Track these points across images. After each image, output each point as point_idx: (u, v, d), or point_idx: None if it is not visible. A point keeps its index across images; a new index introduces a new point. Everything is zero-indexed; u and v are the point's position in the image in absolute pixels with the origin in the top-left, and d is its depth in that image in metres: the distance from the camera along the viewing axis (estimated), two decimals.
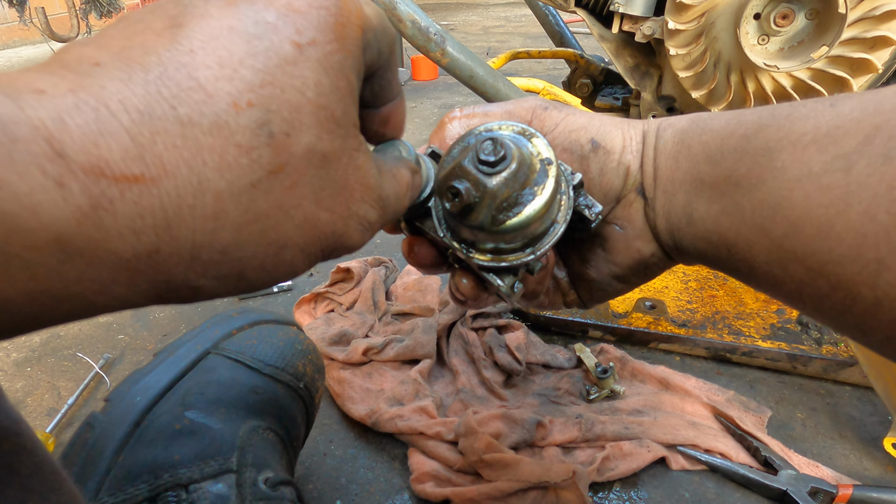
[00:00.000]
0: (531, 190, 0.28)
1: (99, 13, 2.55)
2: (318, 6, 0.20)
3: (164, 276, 0.18)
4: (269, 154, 0.19)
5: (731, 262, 0.29)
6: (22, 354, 0.89)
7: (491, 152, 0.27)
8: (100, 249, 0.16)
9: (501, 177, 0.27)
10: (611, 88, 1.10)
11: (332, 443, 0.71)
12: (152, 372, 0.50)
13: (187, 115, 0.17)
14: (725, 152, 0.29)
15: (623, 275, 0.35)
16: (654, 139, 0.33)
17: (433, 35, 0.73)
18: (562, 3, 0.89)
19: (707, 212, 0.29)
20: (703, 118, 0.31)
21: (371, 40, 0.23)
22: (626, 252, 0.34)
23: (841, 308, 0.25)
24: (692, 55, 0.74)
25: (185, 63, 0.18)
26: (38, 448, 0.25)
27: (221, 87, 0.18)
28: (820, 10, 0.66)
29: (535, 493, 0.59)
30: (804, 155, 0.25)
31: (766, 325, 0.82)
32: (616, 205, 0.33)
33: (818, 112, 0.26)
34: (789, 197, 0.25)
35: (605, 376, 0.73)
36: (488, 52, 2.97)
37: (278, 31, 0.19)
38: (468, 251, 0.31)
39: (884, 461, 0.66)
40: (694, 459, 0.65)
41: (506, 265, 0.30)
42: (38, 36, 4.10)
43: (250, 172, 0.19)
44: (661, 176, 0.32)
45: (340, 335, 0.84)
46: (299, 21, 0.20)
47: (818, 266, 0.25)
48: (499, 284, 0.31)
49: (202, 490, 0.43)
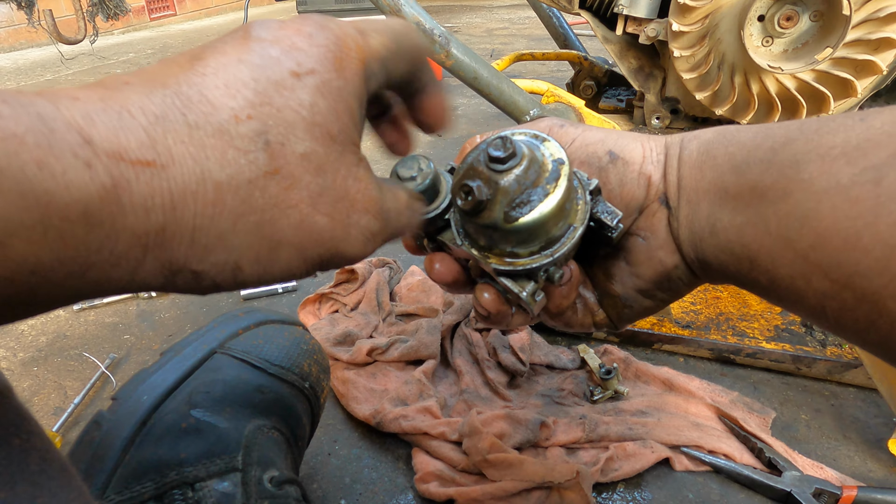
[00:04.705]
0: (543, 188, 0.28)
1: (106, 15, 2.57)
2: (318, 44, 0.24)
3: (168, 255, 0.21)
4: (265, 157, 0.22)
5: (752, 274, 0.29)
6: (28, 354, 0.90)
7: (500, 149, 0.28)
8: (117, 223, 0.19)
9: (512, 174, 0.28)
10: (615, 90, 1.11)
11: (336, 443, 0.71)
12: (159, 371, 0.51)
13: (195, 120, 0.21)
14: (751, 163, 0.29)
15: (647, 289, 0.34)
16: (678, 150, 0.33)
17: (438, 37, 0.73)
18: (566, 5, 0.89)
19: (731, 222, 0.29)
20: (730, 130, 0.31)
21: (377, 69, 0.26)
22: (648, 263, 0.33)
23: (865, 322, 0.25)
24: (696, 57, 0.74)
25: (197, 83, 0.21)
26: (48, 445, 0.25)
27: (225, 102, 0.21)
28: (824, 12, 0.66)
29: (538, 493, 0.59)
30: (832, 167, 0.25)
31: (770, 327, 0.82)
32: (638, 216, 0.33)
33: (848, 126, 0.26)
34: (816, 209, 0.25)
35: (609, 377, 0.73)
36: (492, 54, 2.98)
37: (280, 63, 0.23)
38: (485, 256, 0.31)
39: (888, 463, 0.65)
40: (698, 460, 0.65)
41: (522, 268, 0.30)
42: (45, 38, 4.13)
43: (247, 171, 0.21)
44: (685, 186, 0.32)
45: (345, 335, 0.85)
46: (300, 56, 0.23)
47: (844, 278, 0.25)
48: (517, 291, 0.31)
49: (208, 488, 0.44)
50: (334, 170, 0.24)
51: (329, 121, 0.23)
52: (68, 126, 0.18)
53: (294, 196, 0.23)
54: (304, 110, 0.23)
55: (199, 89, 0.21)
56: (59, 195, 0.17)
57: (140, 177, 0.19)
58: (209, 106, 0.21)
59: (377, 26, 0.27)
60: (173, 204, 0.20)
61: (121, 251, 0.19)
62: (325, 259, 0.25)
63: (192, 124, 0.20)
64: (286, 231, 0.23)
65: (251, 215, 0.22)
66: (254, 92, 0.22)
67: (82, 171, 0.18)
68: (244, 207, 0.22)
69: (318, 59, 0.23)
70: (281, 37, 0.23)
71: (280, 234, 0.23)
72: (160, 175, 0.19)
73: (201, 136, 0.21)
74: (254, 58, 0.22)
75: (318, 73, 0.23)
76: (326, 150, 0.23)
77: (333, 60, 0.24)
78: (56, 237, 0.17)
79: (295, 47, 0.23)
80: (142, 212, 0.19)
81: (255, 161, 0.21)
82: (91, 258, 0.19)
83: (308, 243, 0.24)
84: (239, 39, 0.23)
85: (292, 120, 0.22)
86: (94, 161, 0.18)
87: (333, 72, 0.24)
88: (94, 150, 0.18)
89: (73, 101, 0.19)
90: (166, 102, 0.20)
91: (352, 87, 0.24)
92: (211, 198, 0.21)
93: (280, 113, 0.22)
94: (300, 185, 0.23)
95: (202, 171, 0.20)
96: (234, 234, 0.22)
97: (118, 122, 0.19)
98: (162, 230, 0.20)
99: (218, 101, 0.21)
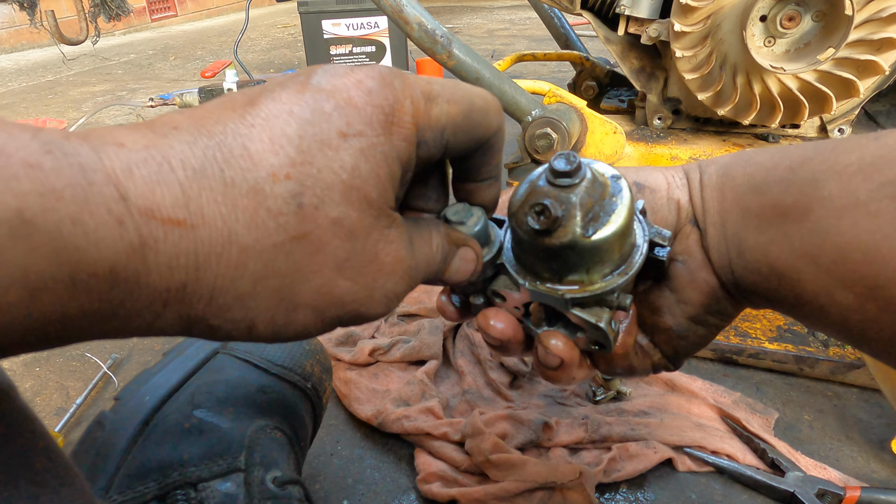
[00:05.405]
0: (610, 200, 0.28)
1: (107, 16, 2.57)
2: (374, 104, 0.23)
3: (187, 311, 0.21)
4: (296, 221, 0.21)
5: (780, 292, 0.30)
6: (30, 355, 0.90)
7: (566, 163, 0.27)
8: (140, 281, 0.19)
9: (581, 186, 0.27)
10: (616, 91, 1.10)
11: (338, 443, 0.71)
12: (161, 371, 0.51)
13: (231, 177, 0.20)
14: (771, 183, 0.29)
15: (697, 314, 0.33)
16: (698, 174, 0.33)
17: (440, 37, 0.73)
18: (567, 6, 0.89)
19: (756, 242, 0.30)
20: (748, 153, 0.32)
21: (430, 139, 0.25)
22: (693, 286, 0.33)
23: (889, 333, 0.26)
24: (698, 57, 0.74)
25: (243, 134, 0.21)
26: (51, 444, 0.25)
27: (266, 158, 0.21)
28: (826, 12, 0.66)
29: (541, 494, 0.59)
30: (850, 184, 0.26)
31: (773, 327, 0.82)
32: (673, 240, 0.33)
33: (862, 145, 0.27)
34: (837, 225, 0.26)
35: (611, 378, 0.73)
36: (493, 55, 2.98)
37: (330, 121, 0.22)
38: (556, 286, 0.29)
39: (891, 463, 0.65)
40: (700, 461, 0.65)
41: (600, 291, 0.29)
42: (47, 39, 4.14)
43: (275, 234, 0.21)
44: (709, 209, 0.32)
45: (347, 336, 0.85)
46: (352, 114, 0.22)
47: (867, 291, 0.26)
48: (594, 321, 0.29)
49: (211, 489, 0.44)
50: (366, 235, 0.23)
51: (369, 185, 0.23)
52: (107, 179, 0.18)
53: (318, 261, 0.22)
54: (345, 173, 0.22)
55: (244, 141, 0.21)
56: (89, 253, 0.17)
57: (168, 236, 0.19)
58: (249, 161, 0.21)
59: (454, 95, 0.25)
60: (197, 265, 0.20)
61: (142, 305, 0.19)
62: (343, 320, 0.25)
63: (228, 182, 0.20)
64: (305, 295, 0.23)
65: (272, 279, 0.22)
66: (297, 150, 0.21)
67: (114, 229, 0.18)
68: (266, 271, 0.21)
69: (368, 121, 0.22)
70: (339, 89, 0.22)
71: (299, 298, 0.23)
72: (188, 235, 0.19)
73: (235, 196, 0.20)
74: (305, 112, 0.22)
75: (365, 135, 0.22)
76: (361, 216, 0.23)
77: (384, 123, 0.23)
78: (83, 291, 0.17)
79: (350, 104, 0.22)
80: (165, 270, 0.19)
81: (284, 224, 0.21)
82: (114, 310, 0.19)
83: (327, 306, 0.23)
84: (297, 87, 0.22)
85: (331, 182, 0.22)
86: (126, 219, 0.18)
87: (382, 136, 0.23)
88: (127, 206, 0.18)
89: (118, 150, 0.19)
90: (207, 155, 0.20)
91: (397, 152, 0.23)
92: (234, 261, 0.21)
93: (319, 174, 0.21)
94: (327, 250, 0.22)
95: (230, 233, 0.20)
96: (252, 296, 0.22)
97: (157, 176, 0.19)
98: (183, 287, 0.20)
99: (259, 157, 0.21)
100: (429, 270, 0.27)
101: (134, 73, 3.19)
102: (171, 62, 3.49)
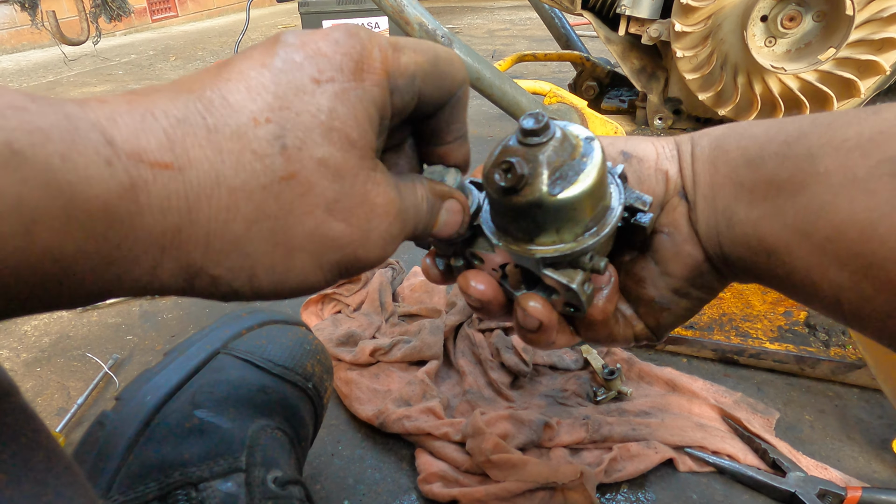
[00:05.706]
0: (580, 161, 0.28)
1: (108, 17, 2.57)
2: (342, 52, 0.24)
3: (185, 257, 0.21)
4: (281, 162, 0.22)
5: (769, 268, 0.29)
6: (32, 355, 0.90)
7: (534, 122, 0.27)
8: (135, 221, 0.19)
9: (549, 146, 0.27)
10: (617, 91, 1.10)
11: (339, 443, 0.71)
12: (162, 371, 0.51)
13: (213, 123, 0.21)
14: (766, 157, 0.29)
15: (681, 287, 0.33)
16: (690, 146, 0.33)
17: (440, 37, 0.73)
18: (568, 6, 0.89)
19: (747, 216, 0.29)
20: (742, 125, 0.31)
21: (403, 85, 0.25)
22: (677, 259, 0.33)
23: (882, 313, 0.25)
24: (699, 57, 0.74)
25: (221, 87, 0.22)
26: (53, 444, 0.25)
27: (245, 104, 0.22)
28: (827, 12, 0.66)
29: (542, 494, 0.59)
30: (848, 160, 0.25)
31: (774, 328, 0.82)
32: (660, 211, 0.33)
33: (860, 119, 0.26)
34: (833, 201, 0.26)
35: (612, 378, 0.73)
36: (494, 55, 2.98)
37: (302, 69, 0.23)
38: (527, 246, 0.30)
39: (893, 464, 0.65)
40: (701, 461, 0.65)
41: (570, 252, 0.29)
42: (48, 39, 4.14)
43: (262, 175, 0.22)
44: (700, 181, 0.32)
45: (348, 336, 0.85)
46: (322, 62, 0.23)
47: (862, 269, 0.25)
48: (566, 282, 0.29)
49: (212, 489, 0.44)
50: (353, 175, 0.24)
51: (348, 126, 0.23)
52: (92, 125, 0.19)
53: (309, 202, 0.23)
54: (323, 115, 0.23)
55: (222, 93, 0.22)
56: (80, 188, 0.18)
57: (157, 178, 0.20)
58: (229, 109, 0.21)
59: (419, 46, 0.26)
60: (189, 206, 0.20)
61: (140, 249, 0.20)
62: (342, 265, 0.25)
63: (210, 127, 0.21)
64: (300, 238, 0.23)
65: (265, 221, 0.22)
66: (273, 96, 0.22)
67: (103, 169, 0.18)
68: (258, 213, 0.22)
69: (338, 68, 0.23)
70: (307, 42, 0.23)
71: (295, 241, 0.23)
72: (177, 177, 0.20)
73: (219, 139, 0.21)
74: (277, 62, 0.23)
75: (337, 81, 0.23)
76: (345, 155, 0.23)
77: (354, 69, 0.24)
78: (78, 228, 0.18)
79: (319, 53, 0.23)
80: (158, 212, 0.20)
81: (270, 165, 0.22)
82: (112, 254, 0.19)
83: (324, 250, 0.24)
84: (268, 45, 0.23)
85: (310, 124, 0.22)
86: (115, 160, 0.19)
87: (353, 80, 0.24)
88: (114, 150, 0.19)
89: (100, 104, 0.19)
90: (189, 106, 0.21)
91: (371, 95, 0.24)
92: (225, 202, 0.21)
93: (298, 117, 0.22)
94: (316, 190, 0.23)
95: (217, 175, 0.21)
96: (247, 239, 0.22)
97: (140, 124, 0.20)
98: (178, 231, 0.20)
99: (238, 105, 0.22)
100: (418, 218, 0.28)
101: (135, 74, 3.19)
102: (171, 63, 3.49)
